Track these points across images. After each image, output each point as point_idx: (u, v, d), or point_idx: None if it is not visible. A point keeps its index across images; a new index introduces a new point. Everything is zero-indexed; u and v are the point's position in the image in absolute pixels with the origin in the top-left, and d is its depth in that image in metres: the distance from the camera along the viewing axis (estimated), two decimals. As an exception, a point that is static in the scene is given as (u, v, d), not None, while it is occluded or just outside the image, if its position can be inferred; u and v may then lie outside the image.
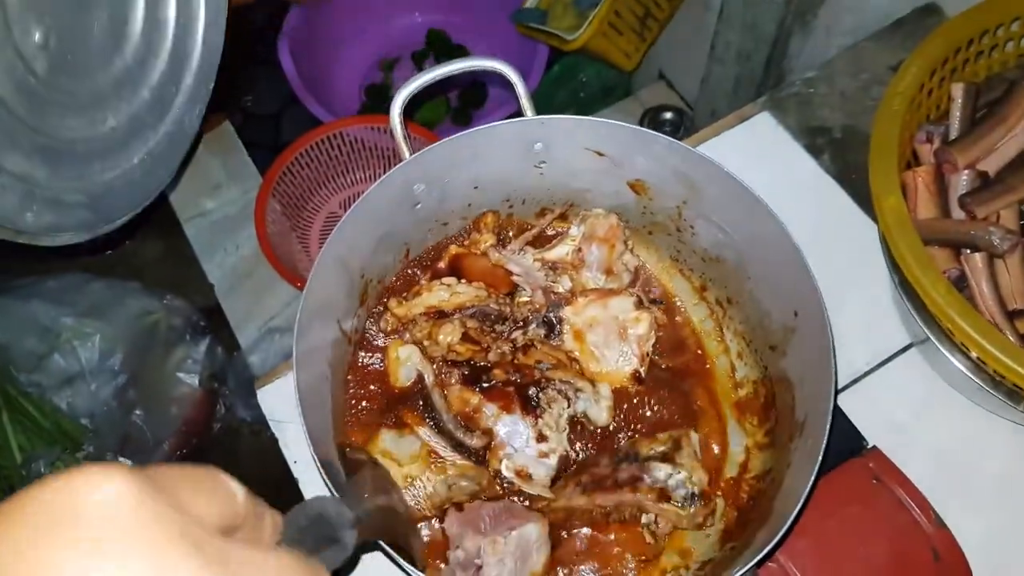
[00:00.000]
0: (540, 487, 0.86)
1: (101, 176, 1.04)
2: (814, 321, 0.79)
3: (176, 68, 1.09)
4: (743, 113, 1.21)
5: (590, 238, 0.96)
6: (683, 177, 0.90)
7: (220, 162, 2.00)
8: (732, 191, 0.86)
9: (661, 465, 0.84)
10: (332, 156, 1.84)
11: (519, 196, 1.00)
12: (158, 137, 1.10)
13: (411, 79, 0.88)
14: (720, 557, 0.82)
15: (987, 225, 0.89)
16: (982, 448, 0.96)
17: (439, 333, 0.91)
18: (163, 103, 1.10)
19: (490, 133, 0.89)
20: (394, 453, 0.86)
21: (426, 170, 0.90)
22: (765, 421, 0.90)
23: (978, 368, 0.85)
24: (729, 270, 0.95)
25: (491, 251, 0.97)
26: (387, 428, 0.88)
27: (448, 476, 0.86)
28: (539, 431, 0.87)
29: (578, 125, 0.90)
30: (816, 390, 0.78)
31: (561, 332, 0.94)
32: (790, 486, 0.76)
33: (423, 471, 0.86)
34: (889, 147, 0.87)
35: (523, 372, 0.91)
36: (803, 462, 0.75)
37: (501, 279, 0.97)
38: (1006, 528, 0.91)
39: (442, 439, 0.87)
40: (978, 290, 0.88)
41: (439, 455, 0.87)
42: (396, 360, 0.91)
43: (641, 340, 0.93)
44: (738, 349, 0.97)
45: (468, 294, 0.94)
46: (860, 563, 0.81)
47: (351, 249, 0.87)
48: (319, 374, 0.84)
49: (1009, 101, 0.94)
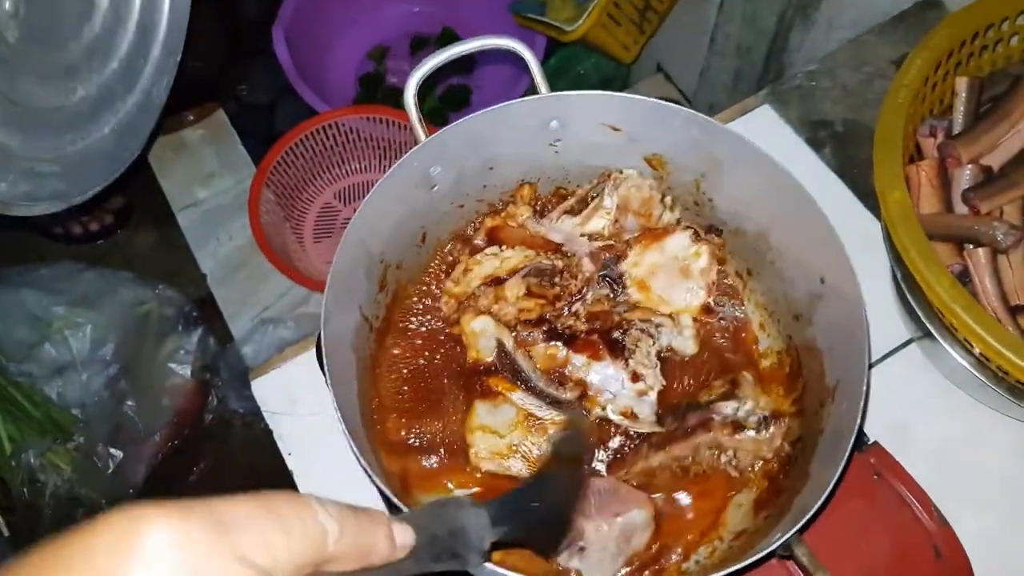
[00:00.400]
0: (648, 424, 0.86)
1: (73, 146, 1.04)
2: (844, 285, 0.79)
3: (143, 39, 1.09)
4: (744, 106, 1.20)
5: (624, 209, 0.95)
6: (702, 150, 0.90)
7: (214, 151, 1.98)
8: (754, 161, 0.85)
9: (726, 403, 0.85)
10: (327, 146, 1.83)
11: (534, 175, 0.99)
12: (127, 107, 1.10)
13: (425, 60, 0.87)
14: (755, 527, 0.82)
15: (991, 220, 0.88)
16: (984, 445, 0.95)
17: (504, 290, 0.91)
18: (132, 73, 1.10)
19: (506, 112, 0.88)
20: (492, 426, 0.86)
21: (442, 152, 0.89)
22: (791, 391, 0.89)
23: (981, 364, 0.85)
24: (749, 241, 0.94)
25: (530, 222, 0.97)
26: (480, 401, 0.87)
27: (551, 434, 0.86)
28: (632, 371, 0.87)
29: (595, 100, 0.89)
30: (849, 355, 0.77)
31: (625, 287, 0.94)
32: (827, 450, 0.76)
33: (525, 436, 0.85)
34: (894, 140, 0.86)
35: (600, 319, 0.91)
36: (839, 425, 0.75)
37: (540, 246, 0.97)
38: (1008, 525, 0.91)
39: (536, 399, 0.87)
40: (981, 285, 0.88)
41: (536, 416, 0.86)
42: (473, 334, 0.90)
43: (704, 272, 0.93)
44: (760, 320, 0.96)
45: (517, 256, 0.94)
46: (861, 559, 0.80)
47: (372, 232, 0.86)
48: (343, 361, 0.83)
49: (1014, 96, 0.94)
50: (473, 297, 0.93)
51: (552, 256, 0.95)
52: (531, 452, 0.85)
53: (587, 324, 0.91)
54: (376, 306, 0.90)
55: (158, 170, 1.99)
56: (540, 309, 0.92)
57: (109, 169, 1.09)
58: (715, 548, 0.84)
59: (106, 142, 1.07)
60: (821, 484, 0.70)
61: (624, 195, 0.95)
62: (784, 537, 0.68)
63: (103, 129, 1.06)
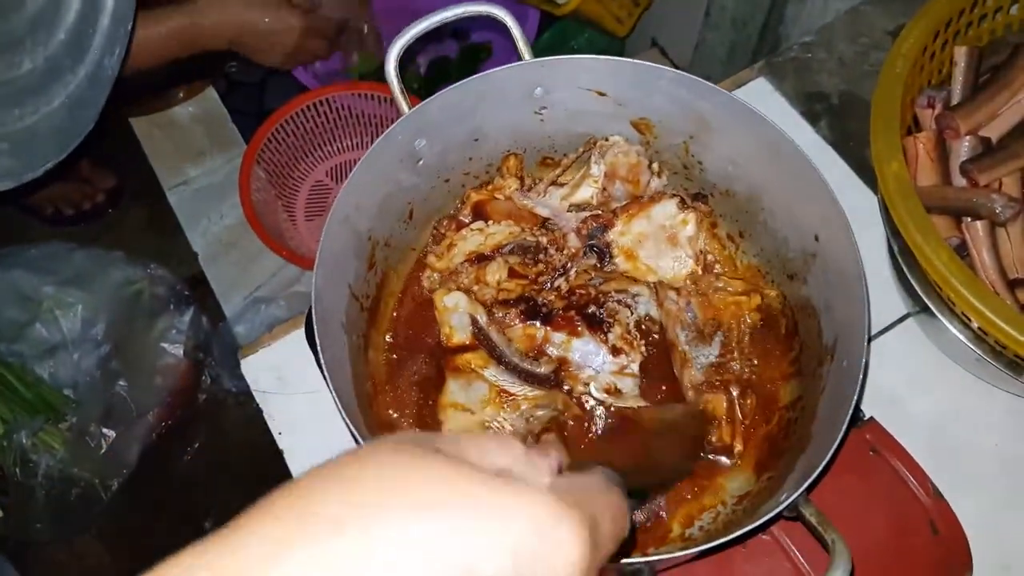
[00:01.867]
0: (632, 399, 0.86)
1: (22, 121, 1.01)
2: (839, 240, 0.78)
3: (90, 9, 1.06)
4: (739, 79, 1.19)
5: (612, 177, 0.94)
6: (690, 110, 0.88)
7: (204, 129, 1.96)
8: (742, 119, 0.84)
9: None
10: (318, 123, 1.80)
11: (520, 146, 0.98)
12: (78, 80, 1.07)
13: (406, 28, 0.85)
14: (757, 489, 0.81)
15: (989, 192, 0.87)
16: (981, 420, 0.94)
17: (486, 274, 0.90)
18: (80, 45, 1.07)
19: (490, 80, 0.87)
20: (464, 403, 0.85)
21: (426, 124, 0.87)
22: (789, 351, 0.89)
23: (978, 338, 0.84)
24: (741, 202, 0.94)
25: (516, 195, 0.95)
26: (452, 378, 0.86)
27: (523, 411, 0.85)
28: (612, 345, 0.87)
29: (579, 64, 0.88)
30: (846, 309, 0.77)
31: (612, 257, 0.93)
32: (829, 408, 0.75)
33: (497, 413, 0.84)
34: (891, 110, 0.85)
35: (577, 294, 0.90)
36: (840, 383, 0.74)
37: (527, 219, 0.95)
38: (1005, 501, 0.90)
39: (509, 375, 0.86)
40: (979, 259, 0.86)
41: (509, 392, 0.85)
42: (445, 310, 0.89)
43: (692, 240, 0.92)
44: (754, 283, 0.95)
45: (502, 232, 0.93)
46: (857, 536, 0.80)
47: (358, 209, 0.85)
48: (336, 340, 0.82)
49: (1013, 65, 0.92)
50: (455, 274, 0.92)
51: (537, 232, 0.94)
52: (503, 428, 0.84)
53: (565, 300, 0.90)
54: (366, 285, 0.89)
55: (148, 149, 1.97)
56: (521, 290, 0.91)
57: (62, 144, 1.07)
58: (718, 513, 0.83)
59: (57, 116, 1.04)
60: (827, 442, 0.69)
61: (611, 162, 0.93)
62: (791, 497, 0.67)
63: (53, 103, 1.03)
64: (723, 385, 0.86)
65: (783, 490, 0.69)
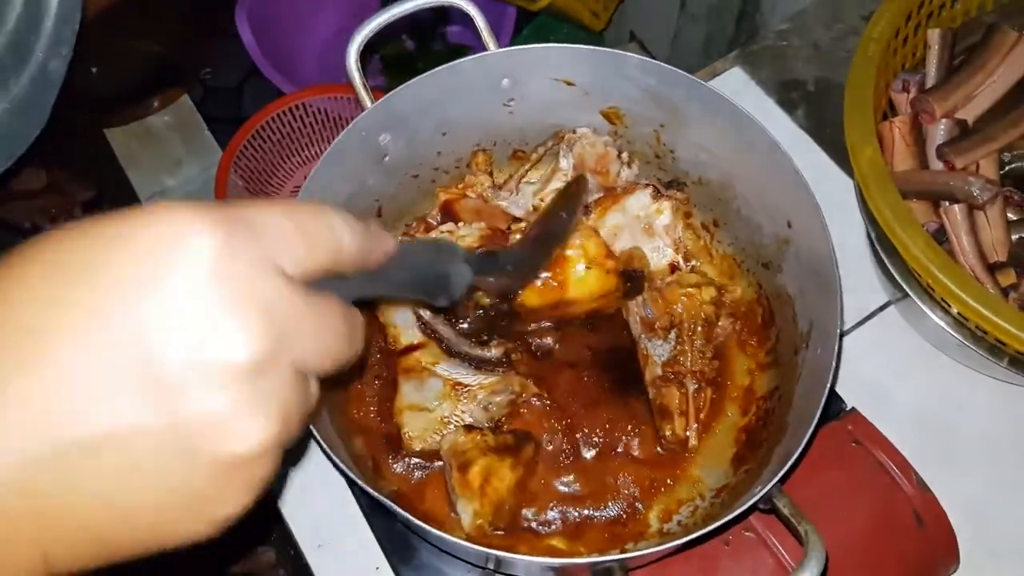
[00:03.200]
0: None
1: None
2: (811, 226, 0.77)
3: (33, 9, 1.03)
4: (713, 69, 1.17)
5: (581, 169, 0.92)
6: (659, 98, 0.87)
7: (180, 138, 1.94)
8: (714, 107, 0.83)
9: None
10: (295, 128, 1.78)
11: (490, 139, 0.96)
12: (21, 84, 1.05)
13: (367, 20, 0.83)
14: (735, 481, 0.81)
15: (966, 176, 0.86)
16: (964, 407, 0.93)
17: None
18: (23, 48, 1.04)
19: (454, 71, 0.85)
20: (421, 403, 0.83)
21: (390, 118, 0.85)
22: (765, 340, 0.88)
23: (959, 324, 0.82)
24: (714, 191, 0.93)
25: (489, 193, 0.93)
26: (405, 379, 0.84)
27: (480, 399, 0.83)
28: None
29: (544, 53, 0.86)
30: (819, 297, 0.76)
31: None
32: (804, 397, 0.74)
33: (455, 406, 0.83)
34: (864, 95, 0.84)
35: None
36: (815, 370, 0.73)
37: (498, 218, 0.93)
38: (989, 488, 0.89)
39: (461, 366, 0.85)
40: (958, 243, 0.85)
41: (464, 384, 0.84)
42: (387, 310, 0.87)
43: (669, 229, 0.90)
44: (730, 272, 0.94)
45: (472, 235, 0.90)
46: (841, 529, 0.78)
47: (321, 209, 0.83)
48: None
49: (988, 46, 0.91)
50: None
51: (509, 234, 0.91)
52: (463, 421, 0.82)
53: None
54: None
55: (124, 159, 1.94)
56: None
57: (8, 150, 1.04)
58: (696, 507, 0.83)
59: (1, 122, 1.02)
60: (800, 431, 0.68)
61: (579, 154, 0.92)
62: (765, 488, 0.66)
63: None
64: (676, 378, 0.84)
65: (759, 481, 0.68)
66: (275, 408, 0.32)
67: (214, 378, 0.31)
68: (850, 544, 0.78)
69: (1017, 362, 0.81)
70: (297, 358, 0.34)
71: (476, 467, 0.77)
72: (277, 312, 0.32)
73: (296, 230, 0.35)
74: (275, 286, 0.33)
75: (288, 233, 0.35)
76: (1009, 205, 0.88)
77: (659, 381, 0.84)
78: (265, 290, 0.32)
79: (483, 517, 0.77)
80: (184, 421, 0.30)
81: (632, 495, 0.82)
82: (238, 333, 0.31)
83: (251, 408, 0.31)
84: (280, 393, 0.33)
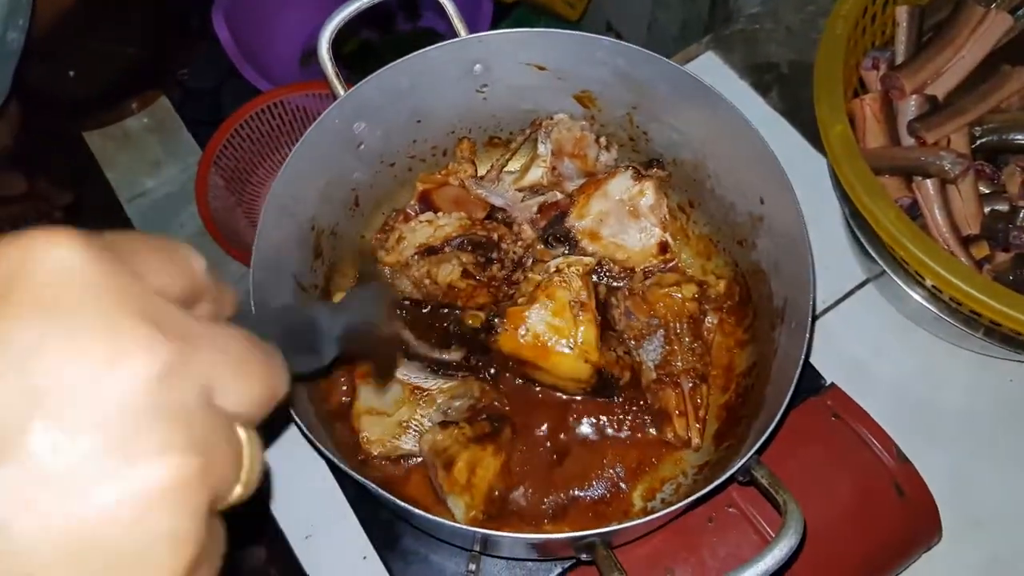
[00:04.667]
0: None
1: None
2: (783, 201, 0.78)
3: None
4: (687, 54, 1.18)
5: (560, 154, 0.93)
6: (630, 80, 0.87)
7: (158, 139, 1.93)
8: (682, 86, 0.84)
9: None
10: (274, 127, 1.78)
11: (465, 126, 0.96)
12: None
13: (338, 8, 0.83)
14: (717, 458, 0.81)
15: (937, 150, 0.86)
16: (943, 380, 0.94)
17: (438, 273, 0.88)
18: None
19: (425, 59, 0.85)
20: (379, 407, 0.83)
21: (363, 106, 0.85)
22: (743, 318, 0.89)
23: (934, 297, 0.83)
24: (688, 171, 0.93)
25: (470, 184, 0.93)
26: (363, 383, 0.84)
27: (439, 404, 0.83)
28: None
29: (515, 38, 0.86)
30: (793, 271, 0.77)
31: (577, 242, 0.91)
32: (781, 371, 0.75)
33: (413, 411, 0.83)
34: (834, 73, 0.84)
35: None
36: (790, 344, 0.74)
37: (475, 206, 0.94)
38: (970, 458, 0.90)
39: (420, 371, 0.84)
40: (931, 217, 0.86)
41: (423, 389, 0.84)
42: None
43: (654, 208, 0.90)
44: (707, 252, 0.95)
45: (452, 224, 0.90)
46: (823, 503, 0.79)
47: (296, 199, 0.83)
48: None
49: (956, 22, 0.92)
50: (406, 267, 0.90)
51: (489, 226, 0.92)
52: (422, 425, 0.82)
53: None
54: (314, 275, 0.87)
55: (103, 162, 1.94)
56: (471, 290, 0.88)
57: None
58: (679, 484, 0.83)
59: None
60: (777, 402, 0.69)
61: (556, 139, 0.92)
62: (743, 459, 0.66)
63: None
64: (671, 379, 0.84)
65: (739, 456, 0.69)
66: (185, 435, 0.28)
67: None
68: (832, 517, 0.79)
69: (992, 332, 0.81)
70: (206, 382, 0.30)
71: (460, 462, 0.77)
72: (168, 325, 0.29)
73: (156, 250, 0.32)
74: (156, 302, 0.30)
75: (150, 254, 0.32)
76: (980, 178, 0.88)
77: (654, 385, 0.85)
78: (147, 304, 0.29)
79: (476, 508, 0.77)
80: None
81: (616, 475, 0.83)
82: (134, 343, 0.28)
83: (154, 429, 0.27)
84: (191, 415, 0.29)
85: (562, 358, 0.79)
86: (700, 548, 0.78)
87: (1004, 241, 0.83)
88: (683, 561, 0.78)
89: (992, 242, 0.85)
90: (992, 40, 0.91)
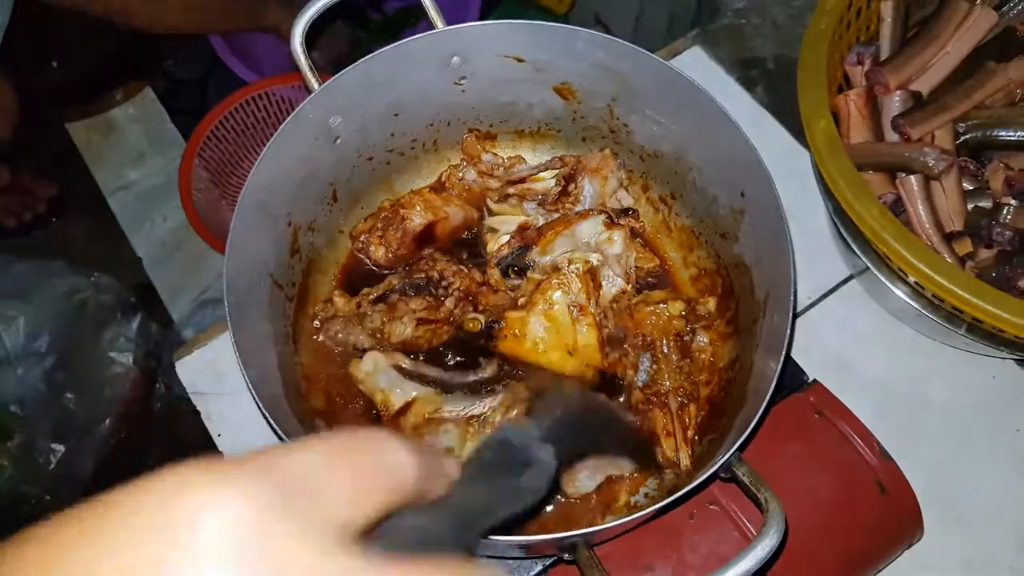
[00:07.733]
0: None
1: None
2: (763, 194, 0.77)
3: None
4: (674, 48, 1.17)
5: (582, 169, 0.93)
6: (610, 72, 0.87)
7: (143, 131, 1.92)
8: (662, 78, 0.83)
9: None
10: (259, 118, 1.76)
11: (443, 119, 0.95)
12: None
13: (310, 3, 0.82)
14: (701, 451, 0.81)
15: (922, 146, 0.86)
16: (925, 376, 0.94)
17: (392, 332, 0.86)
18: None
19: (401, 51, 0.84)
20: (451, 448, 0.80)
21: (339, 100, 0.84)
22: (726, 311, 0.88)
23: (917, 293, 0.83)
24: (669, 163, 0.93)
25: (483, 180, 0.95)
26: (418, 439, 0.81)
27: (499, 423, 0.80)
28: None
29: (492, 30, 0.85)
30: (774, 264, 0.77)
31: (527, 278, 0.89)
32: (763, 365, 0.74)
33: (476, 441, 0.80)
34: (818, 68, 0.84)
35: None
36: (772, 337, 0.74)
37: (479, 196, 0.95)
38: (955, 455, 0.90)
39: (463, 399, 0.82)
40: (915, 213, 0.86)
41: (476, 415, 0.81)
42: (367, 376, 0.83)
43: (620, 259, 0.89)
44: (689, 244, 0.95)
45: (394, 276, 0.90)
46: (805, 500, 0.78)
47: (272, 194, 0.82)
48: (260, 332, 0.79)
49: (940, 18, 0.91)
50: (360, 316, 0.88)
51: (425, 266, 0.90)
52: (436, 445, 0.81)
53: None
54: (291, 272, 0.86)
55: (87, 154, 1.92)
56: (429, 335, 0.87)
57: None
58: (663, 479, 0.83)
59: None
60: (758, 397, 0.68)
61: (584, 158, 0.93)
62: (724, 456, 0.66)
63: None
64: (659, 399, 0.83)
65: (721, 451, 0.68)
66: None
67: None
68: (814, 514, 0.79)
69: (974, 329, 0.81)
70: None
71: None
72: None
73: (348, 469, 0.29)
74: (325, 548, 0.26)
75: (342, 477, 0.29)
76: (964, 175, 0.88)
77: (642, 406, 0.84)
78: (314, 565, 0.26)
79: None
80: None
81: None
82: None
83: None
84: None
85: (564, 362, 0.79)
86: (681, 545, 0.78)
87: (987, 238, 0.83)
88: (664, 559, 0.78)
89: (975, 239, 0.84)
90: (977, 36, 0.90)
